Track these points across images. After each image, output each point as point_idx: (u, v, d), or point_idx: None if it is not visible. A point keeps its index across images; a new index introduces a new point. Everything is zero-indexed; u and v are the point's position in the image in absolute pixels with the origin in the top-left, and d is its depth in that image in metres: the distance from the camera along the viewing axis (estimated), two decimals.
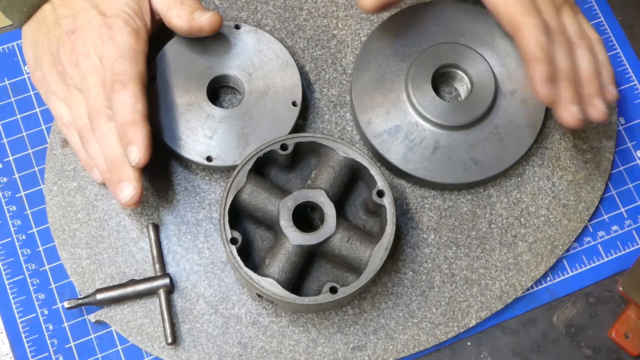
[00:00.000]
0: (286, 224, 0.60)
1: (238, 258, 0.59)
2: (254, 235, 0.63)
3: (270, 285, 0.58)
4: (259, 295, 0.61)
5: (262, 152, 0.61)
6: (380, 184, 0.61)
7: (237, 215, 0.63)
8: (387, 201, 0.60)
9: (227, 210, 0.60)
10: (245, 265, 0.59)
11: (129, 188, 0.60)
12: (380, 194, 0.61)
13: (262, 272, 0.60)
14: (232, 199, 0.60)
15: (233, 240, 0.59)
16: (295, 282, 0.61)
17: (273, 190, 0.61)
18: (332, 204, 0.60)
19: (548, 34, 0.61)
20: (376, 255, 0.59)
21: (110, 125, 0.61)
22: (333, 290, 0.59)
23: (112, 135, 0.61)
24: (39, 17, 0.64)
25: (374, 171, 0.61)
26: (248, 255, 0.63)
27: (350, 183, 0.64)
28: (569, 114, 0.59)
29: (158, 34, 0.69)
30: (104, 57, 0.61)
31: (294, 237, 0.60)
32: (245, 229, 0.63)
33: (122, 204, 0.60)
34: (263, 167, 0.64)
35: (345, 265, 0.62)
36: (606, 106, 0.61)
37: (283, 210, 0.60)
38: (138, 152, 0.59)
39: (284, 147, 0.62)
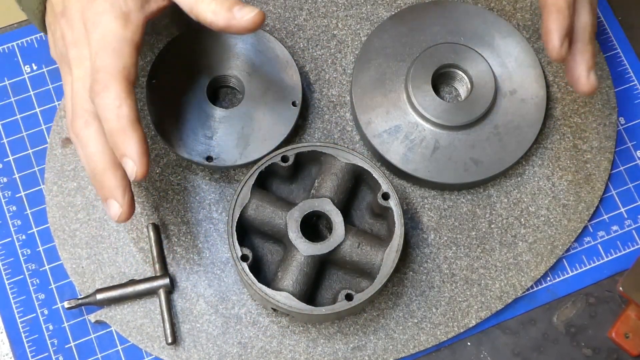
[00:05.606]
0: (295, 236, 0.59)
1: (251, 275, 0.58)
2: (263, 250, 0.63)
3: (285, 299, 0.58)
4: (274, 310, 0.61)
5: (264, 165, 0.61)
6: (385, 186, 0.60)
7: (244, 231, 0.62)
8: (393, 203, 0.60)
9: (234, 228, 0.59)
10: (258, 280, 0.58)
11: (114, 206, 0.53)
12: (386, 196, 0.60)
13: (275, 286, 0.59)
14: (238, 216, 0.60)
15: (244, 257, 0.59)
16: (310, 293, 0.61)
17: (278, 203, 0.61)
18: (339, 211, 0.60)
19: None
20: (388, 258, 0.59)
21: (89, 130, 0.53)
22: (349, 297, 0.58)
23: (90, 142, 0.53)
24: None
25: (377, 174, 0.60)
26: (259, 270, 0.62)
27: (353, 188, 0.63)
28: (585, 80, 0.58)
29: (158, 32, 0.69)
30: (89, 48, 0.53)
31: (305, 248, 0.59)
32: (254, 244, 0.63)
33: (114, 220, 0.54)
34: (264, 180, 0.63)
35: (357, 270, 0.61)
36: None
37: (290, 222, 0.60)
38: (133, 164, 0.51)
39: (284, 159, 0.61)
